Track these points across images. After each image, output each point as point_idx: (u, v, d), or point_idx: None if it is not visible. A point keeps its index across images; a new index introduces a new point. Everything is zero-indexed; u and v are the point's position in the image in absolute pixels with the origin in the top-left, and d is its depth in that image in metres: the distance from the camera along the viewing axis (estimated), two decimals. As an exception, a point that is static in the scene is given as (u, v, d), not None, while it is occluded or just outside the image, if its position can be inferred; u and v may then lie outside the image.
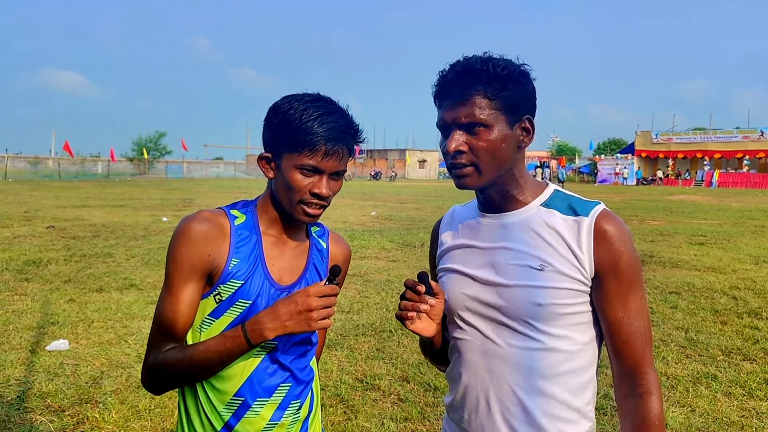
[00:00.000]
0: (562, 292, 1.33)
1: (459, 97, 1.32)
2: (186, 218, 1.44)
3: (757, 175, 50.10)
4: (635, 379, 1.35)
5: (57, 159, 54.99)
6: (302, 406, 1.54)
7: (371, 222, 15.61)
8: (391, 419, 3.83)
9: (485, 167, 1.34)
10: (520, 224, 1.40)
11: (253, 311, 1.41)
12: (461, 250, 1.49)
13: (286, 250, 1.52)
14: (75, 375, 4.45)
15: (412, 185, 45.82)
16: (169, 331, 1.41)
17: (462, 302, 1.44)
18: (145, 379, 1.44)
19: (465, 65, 1.33)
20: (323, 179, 1.41)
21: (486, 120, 1.31)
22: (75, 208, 17.63)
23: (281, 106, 1.42)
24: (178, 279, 1.40)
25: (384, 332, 5.63)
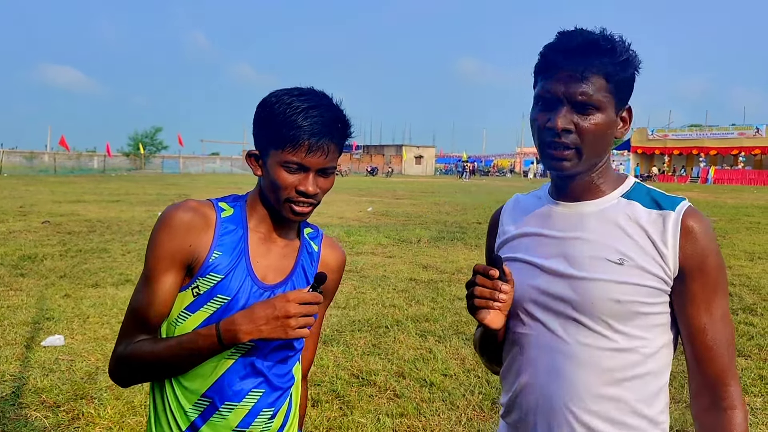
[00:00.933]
0: (642, 290, 1.23)
1: (578, 71, 1.21)
2: (171, 206, 1.39)
3: (753, 171, 50.20)
4: (718, 392, 1.25)
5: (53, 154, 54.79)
6: (276, 415, 1.45)
7: (367, 218, 15.60)
8: (386, 415, 3.84)
9: (587, 152, 1.25)
10: (598, 214, 1.31)
11: (232, 308, 1.35)
12: (529, 238, 1.39)
13: (273, 248, 1.45)
14: (70, 370, 4.44)
15: (408, 181, 45.81)
16: (143, 320, 1.36)
17: (528, 294, 1.34)
18: (113, 369, 1.39)
19: (588, 38, 1.22)
20: (309, 176, 1.35)
21: (600, 102, 1.22)
22: (71, 203, 17.57)
23: (268, 100, 1.37)
24: (156, 268, 1.35)
25: (380, 328, 5.64)
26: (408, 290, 7.21)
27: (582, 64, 1.21)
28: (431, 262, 9.07)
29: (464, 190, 31.56)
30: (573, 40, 1.23)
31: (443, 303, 6.62)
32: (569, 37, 1.24)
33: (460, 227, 13.71)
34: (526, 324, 1.35)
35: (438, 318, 6.02)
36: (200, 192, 24.84)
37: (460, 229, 13.22)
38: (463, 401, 4.08)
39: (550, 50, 1.26)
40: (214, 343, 1.29)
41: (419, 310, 6.30)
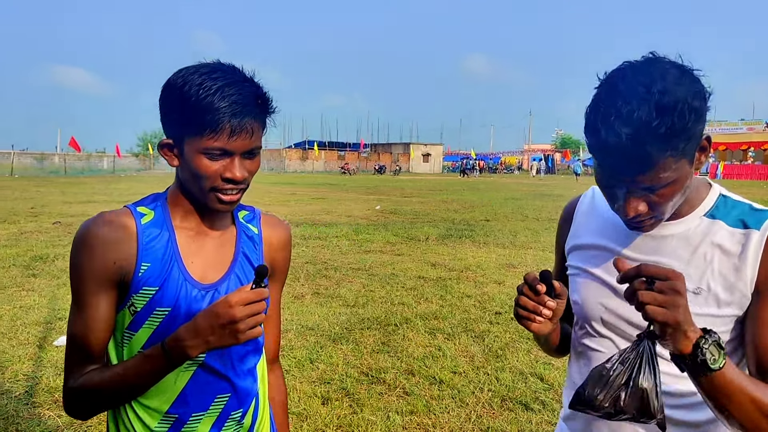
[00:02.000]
0: (718, 320, 1.18)
1: (639, 163, 1.08)
2: (85, 223, 1.25)
3: (762, 166, 49.88)
4: None
5: (63, 155, 55.08)
6: (245, 415, 1.38)
7: (376, 216, 15.62)
8: (396, 412, 3.85)
9: (667, 213, 1.18)
10: (678, 237, 1.23)
11: (176, 318, 1.25)
12: (604, 253, 1.31)
13: (207, 242, 1.33)
14: (82, 370, 4.48)
15: (416, 179, 45.80)
16: (84, 350, 1.25)
17: (598, 313, 1.30)
18: (68, 405, 1.28)
19: (642, 125, 1.05)
20: (235, 161, 1.22)
21: (672, 177, 1.11)
22: (81, 204, 17.68)
23: (175, 82, 1.21)
24: (84, 293, 1.23)
25: (389, 326, 5.65)
26: (417, 288, 7.22)
27: (642, 155, 1.07)
28: (440, 260, 9.07)
29: (472, 188, 31.51)
30: (623, 128, 1.06)
31: (452, 300, 6.63)
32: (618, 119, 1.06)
33: (468, 225, 13.70)
34: (594, 339, 1.33)
35: (447, 315, 6.02)
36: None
37: (468, 227, 13.20)
38: (473, 398, 4.09)
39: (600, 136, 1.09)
40: (163, 364, 1.19)
41: (428, 308, 6.31)
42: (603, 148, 1.11)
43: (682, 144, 1.07)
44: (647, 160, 1.07)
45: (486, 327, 5.64)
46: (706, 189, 1.27)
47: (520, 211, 17.16)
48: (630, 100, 1.06)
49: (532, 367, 4.64)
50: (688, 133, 1.07)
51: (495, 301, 6.56)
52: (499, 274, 8.03)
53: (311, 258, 9.01)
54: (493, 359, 4.82)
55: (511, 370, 4.59)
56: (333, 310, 6.19)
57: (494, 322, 5.83)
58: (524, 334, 5.38)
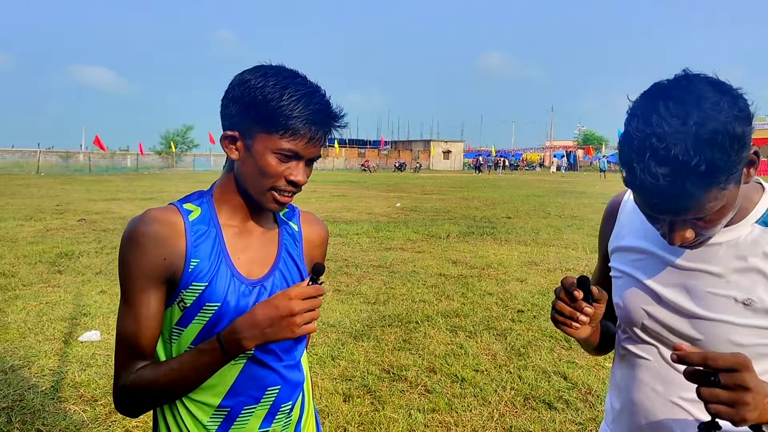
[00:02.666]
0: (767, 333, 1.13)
1: (681, 199, 1.01)
2: (132, 221, 1.27)
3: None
4: None
5: (87, 153, 55.83)
6: (293, 408, 1.40)
7: (396, 213, 15.60)
8: (418, 410, 3.83)
9: (713, 233, 1.12)
10: (727, 246, 1.17)
11: (224, 313, 1.26)
12: (648, 257, 1.27)
13: (252, 239, 1.35)
14: (107, 365, 4.53)
15: (436, 176, 45.68)
16: (135, 347, 1.26)
17: (640, 319, 1.26)
18: (119, 403, 1.29)
19: (679, 165, 0.97)
20: (301, 165, 1.26)
21: (718, 206, 1.04)
22: (105, 202, 17.91)
23: (252, 80, 1.23)
24: (133, 290, 1.24)
25: (410, 323, 5.63)
26: (438, 285, 7.19)
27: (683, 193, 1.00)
28: (460, 258, 9.02)
29: (493, 185, 31.35)
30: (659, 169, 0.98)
31: (473, 298, 6.58)
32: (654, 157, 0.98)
33: (489, 222, 13.62)
34: (637, 345, 1.30)
35: (468, 313, 5.99)
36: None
37: (490, 224, 13.13)
38: (495, 397, 4.06)
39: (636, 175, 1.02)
40: (219, 357, 1.21)
41: (449, 306, 6.27)
42: (640, 187, 1.04)
43: (724, 177, 0.99)
44: (689, 199, 1.00)
45: (508, 325, 5.60)
46: (759, 193, 1.20)
47: (542, 209, 17.02)
48: (665, 138, 0.97)
49: (555, 365, 4.59)
50: (732, 163, 0.99)
51: (517, 299, 6.51)
52: (521, 272, 7.96)
53: (332, 255, 9.01)
54: (516, 357, 4.78)
55: (533, 368, 4.54)
56: (354, 307, 6.19)
57: (516, 320, 5.78)
58: (547, 332, 5.33)
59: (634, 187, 1.05)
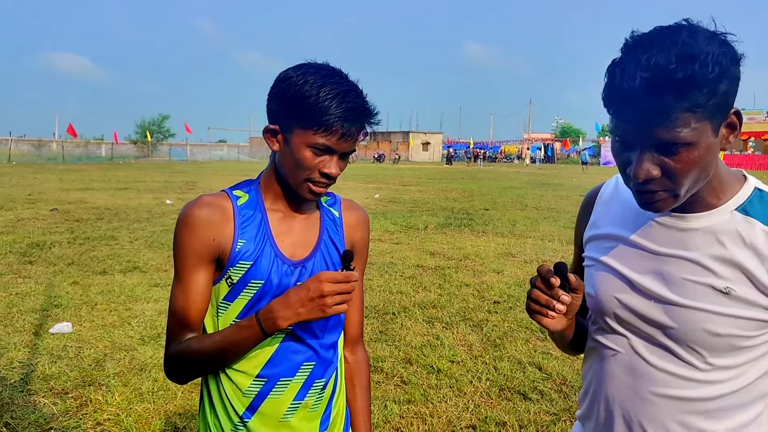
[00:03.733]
0: (748, 323, 1.09)
1: (654, 113, 1.00)
2: (187, 205, 1.40)
3: (763, 156, 49.76)
4: None
5: (61, 142, 54.95)
6: (326, 385, 1.49)
7: (375, 204, 15.58)
8: (394, 401, 3.83)
9: (684, 191, 1.07)
10: (705, 232, 1.13)
11: (268, 290, 1.38)
12: (622, 245, 1.23)
13: (295, 224, 1.46)
14: (78, 357, 4.46)
15: (415, 168, 45.71)
16: (184, 320, 1.39)
17: (612, 308, 1.22)
18: (168, 371, 1.43)
19: (659, 71, 0.98)
20: (334, 159, 1.36)
21: (689, 137, 1.00)
22: (78, 191, 17.63)
23: (294, 77, 1.33)
24: (185, 267, 1.37)
25: (387, 314, 5.63)
26: (415, 277, 7.19)
27: (657, 104, 0.99)
28: (438, 249, 9.04)
29: (472, 177, 31.46)
30: (641, 75, 0.99)
31: (450, 289, 6.60)
32: (638, 70, 0.99)
33: (467, 214, 13.66)
34: (610, 337, 1.26)
35: (445, 305, 6.00)
36: (208, 179, 24.88)
37: (467, 216, 13.17)
38: (471, 388, 4.07)
39: (614, 84, 1.03)
40: (257, 333, 1.32)
41: (426, 297, 6.28)
42: (618, 95, 1.03)
43: (702, 98, 0.98)
44: (662, 108, 0.99)
45: (484, 316, 5.62)
46: (740, 181, 1.16)
47: (519, 200, 17.13)
48: (651, 49, 0.99)
49: (530, 356, 4.62)
50: (710, 87, 0.97)
51: (493, 290, 6.54)
52: (498, 264, 8.00)
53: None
54: (492, 348, 4.80)
55: (509, 359, 4.57)
56: (331, 298, 6.16)
57: (493, 311, 5.81)
58: (523, 323, 5.36)
59: (613, 98, 1.04)
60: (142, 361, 4.42)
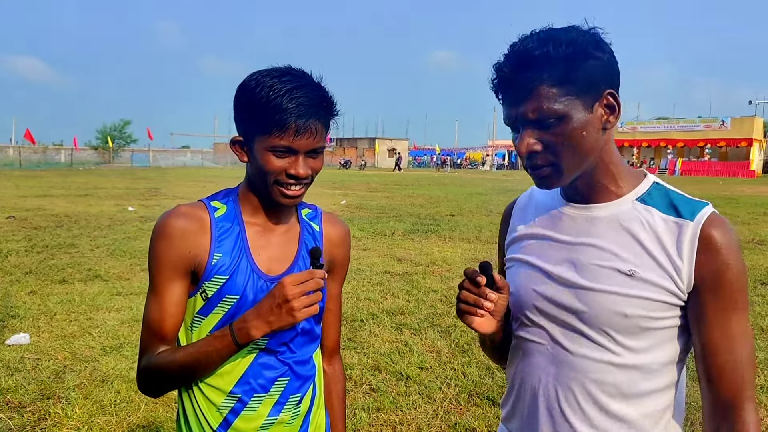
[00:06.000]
0: (651, 304, 1.16)
1: (521, 90, 1.14)
2: (164, 215, 1.37)
3: (718, 163, 51.28)
4: (730, 416, 1.15)
5: (17, 147, 53.45)
6: (302, 400, 1.47)
7: (341, 211, 15.53)
8: (363, 409, 3.80)
9: (566, 164, 1.17)
10: (610, 220, 1.22)
11: (243, 306, 1.35)
12: (536, 240, 1.32)
13: (273, 237, 1.44)
14: (36, 369, 4.32)
15: (381, 174, 45.76)
16: (158, 332, 1.36)
17: (531, 300, 1.28)
18: (141, 384, 1.40)
19: (520, 52, 1.14)
20: (299, 159, 1.32)
21: (558, 111, 1.12)
22: (37, 198, 17.16)
23: (248, 84, 1.32)
24: (160, 279, 1.34)
25: (355, 321, 5.59)
26: (383, 283, 7.18)
27: (522, 81, 1.14)
28: (406, 255, 9.04)
29: (438, 183, 31.62)
30: (508, 60, 1.16)
31: (418, 295, 6.60)
32: (506, 58, 1.16)
33: (433, 219, 13.72)
34: (529, 330, 1.30)
35: (413, 311, 5.99)
36: (171, 186, 24.48)
37: (434, 222, 13.22)
38: (440, 394, 4.06)
39: (494, 77, 1.19)
40: (230, 344, 1.29)
41: (394, 303, 6.27)
42: (498, 83, 1.17)
43: (560, 73, 1.11)
44: (528, 85, 1.12)
45: (452, 322, 5.63)
46: (641, 177, 1.27)
47: (484, 206, 17.27)
48: (523, 40, 1.15)
49: (498, 361, 4.63)
50: (567, 64, 1.11)
51: (461, 296, 6.55)
52: (465, 269, 8.02)
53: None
54: (460, 354, 4.81)
55: (477, 365, 4.58)
56: (298, 305, 6.10)
57: (460, 316, 5.81)
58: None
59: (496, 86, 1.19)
60: (103, 372, 4.30)
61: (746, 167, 48.77)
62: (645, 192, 1.24)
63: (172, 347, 1.38)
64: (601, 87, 1.15)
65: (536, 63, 1.12)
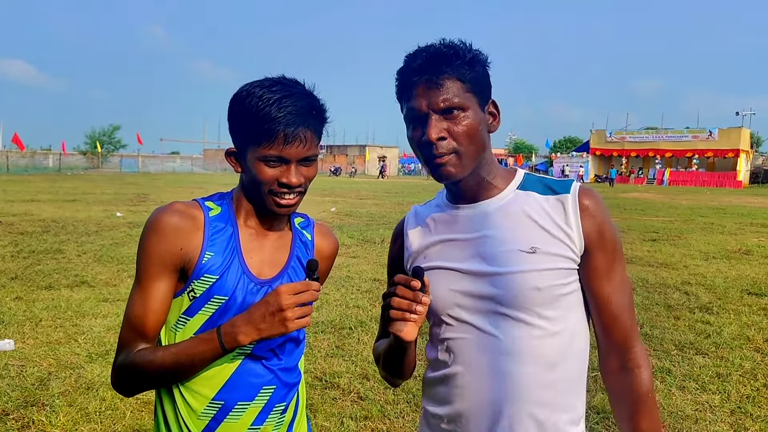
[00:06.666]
0: (557, 273, 1.29)
1: (432, 82, 1.26)
2: (157, 210, 1.36)
3: (706, 173, 51.75)
4: (625, 354, 1.33)
5: (5, 152, 53.08)
6: (287, 409, 1.45)
7: (331, 218, 15.52)
8: (350, 418, 3.78)
9: (466, 153, 1.29)
10: (500, 210, 1.35)
11: (230, 308, 1.33)
12: (440, 245, 1.40)
13: (266, 242, 1.44)
14: (20, 376, 4.27)
15: (371, 181, 45.79)
16: (140, 329, 1.32)
17: (452, 299, 1.35)
18: (114, 380, 1.36)
19: (432, 50, 1.29)
20: (291, 168, 1.33)
21: (462, 103, 1.27)
22: (24, 203, 17.02)
23: (239, 96, 1.33)
24: (148, 274, 1.32)
25: (343, 329, 5.58)
26: (372, 291, 7.17)
27: (433, 73, 1.26)
28: (395, 263, 9.02)
29: (428, 190, 31.66)
30: (419, 56, 1.29)
31: (407, 303, 6.58)
32: (414, 56, 1.30)
33: (423, 227, 13.71)
34: (455, 329, 1.36)
35: (402, 319, 5.97)
36: (160, 191, 24.37)
37: (424, 230, 13.21)
38: (428, 403, 4.05)
39: (403, 73, 1.31)
40: (215, 348, 1.27)
41: (383, 311, 6.25)
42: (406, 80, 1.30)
43: (464, 71, 1.27)
44: (437, 76, 1.26)
45: (441, 330, 5.62)
46: (512, 172, 1.42)
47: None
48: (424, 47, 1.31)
49: (486, 370, 4.63)
50: (469, 64, 1.28)
51: (450, 304, 6.55)
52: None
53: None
54: (448, 363, 4.79)
55: (466, 373, 4.56)
56: (286, 313, 6.07)
57: (449, 325, 5.81)
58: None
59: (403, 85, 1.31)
60: (89, 379, 4.26)
61: (733, 177, 49.24)
62: (521, 181, 1.39)
63: (152, 346, 1.34)
64: (488, 94, 1.34)
65: (446, 58, 1.27)
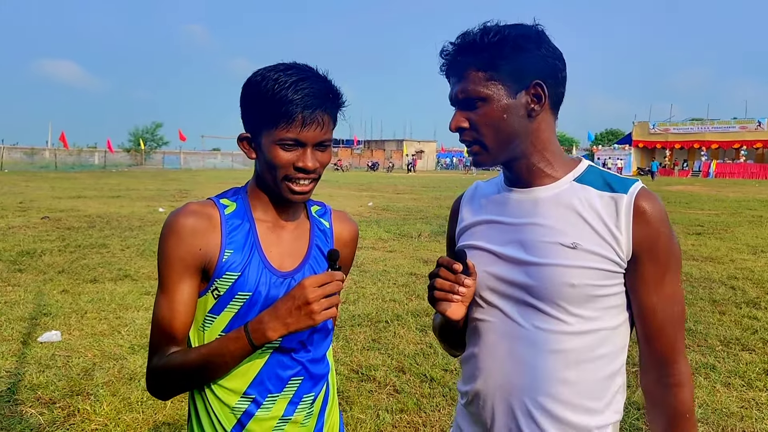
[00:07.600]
0: (596, 273, 1.25)
1: (455, 74, 1.28)
2: (173, 213, 1.35)
3: (755, 165, 50.10)
4: (666, 369, 1.29)
5: (53, 150, 54.75)
6: (316, 399, 1.45)
7: (368, 212, 15.56)
8: (386, 411, 3.79)
9: (490, 142, 1.28)
10: (551, 199, 1.31)
11: (256, 303, 1.33)
12: (485, 225, 1.39)
13: (284, 234, 1.42)
14: (67, 366, 4.40)
15: (409, 176, 45.74)
16: (168, 332, 1.33)
17: (485, 281, 1.35)
18: (150, 385, 1.36)
19: (457, 41, 1.28)
20: (307, 152, 1.31)
21: (482, 93, 1.24)
22: (70, 199, 17.54)
23: (253, 79, 1.32)
24: (170, 277, 1.32)
25: (380, 323, 5.59)
26: (408, 285, 7.16)
27: (455, 65, 1.28)
28: (432, 257, 9.01)
29: (466, 185, 31.47)
30: (450, 46, 1.30)
31: (444, 297, 6.55)
32: (443, 47, 1.31)
33: (461, 222, 13.64)
34: (484, 311, 1.36)
35: (438, 312, 5.95)
36: (201, 187, 24.80)
37: (461, 224, 13.14)
38: (464, 396, 4.02)
39: (440, 60, 1.32)
40: (245, 346, 1.27)
41: (419, 305, 6.24)
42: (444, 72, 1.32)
43: (486, 60, 1.23)
44: (458, 68, 1.27)
45: (478, 324, 5.58)
46: (576, 161, 1.37)
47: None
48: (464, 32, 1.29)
49: (524, 364, 4.58)
50: (495, 52, 1.23)
51: (487, 298, 6.50)
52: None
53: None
54: (485, 357, 4.76)
55: (503, 367, 4.52)
56: (323, 306, 6.11)
57: (486, 319, 5.77)
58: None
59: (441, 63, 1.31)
60: (131, 370, 4.36)
61: (784, 169, 47.59)
62: (581, 173, 1.33)
63: (184, 348, 1.35)
64: (529, 77, 1.26)
65: (467, 49, 1.26)
